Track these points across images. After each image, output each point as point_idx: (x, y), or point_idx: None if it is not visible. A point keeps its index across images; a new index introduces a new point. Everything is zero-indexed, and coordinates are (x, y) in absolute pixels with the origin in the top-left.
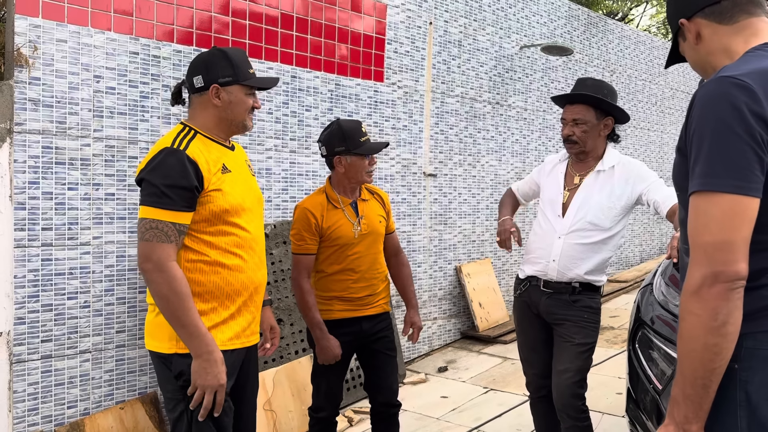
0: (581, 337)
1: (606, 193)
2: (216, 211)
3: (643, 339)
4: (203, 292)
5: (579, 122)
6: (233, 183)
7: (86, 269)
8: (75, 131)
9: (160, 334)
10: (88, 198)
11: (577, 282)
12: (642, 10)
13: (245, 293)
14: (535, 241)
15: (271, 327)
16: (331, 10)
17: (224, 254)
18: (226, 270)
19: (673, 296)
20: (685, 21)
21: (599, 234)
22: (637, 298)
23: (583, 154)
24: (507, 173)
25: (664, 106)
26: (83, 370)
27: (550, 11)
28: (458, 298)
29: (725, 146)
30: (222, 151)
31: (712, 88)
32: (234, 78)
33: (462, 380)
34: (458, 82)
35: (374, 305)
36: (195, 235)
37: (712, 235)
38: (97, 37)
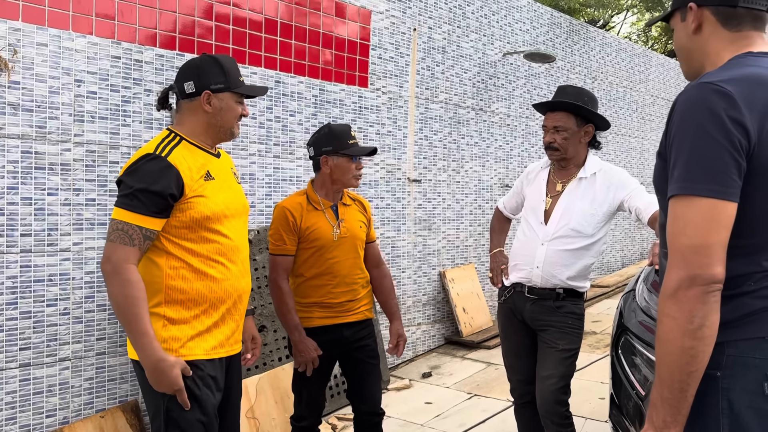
0: (565, 343)
1: (588, 199)
2: (197, 218)
3: (626, 345)
4: (186, 299)
5: (560, 129)
6: (216, 190)
7: (66, 276)
8: (55, 136)
9: None
10: (69, 203)
11: (561, 288)
12: (623, 18)
13: (228, 301)
14: (518, 248)
15: (253, 337)
16: (316, 15)
17: (206, 262)
18: (209, 278)
19: (655, 302)
20: (695, 6)
21: (582, 240)
22: (619, 304)
23: (565, 161)
24: (490, 179)
25: (645, 112)
26: (62, 378)
27: (532, 18)
28: (442, 304)
29: (703, 151)
30: (207, 158)
31: (692, 93)
32: (226, 85)
33: (446, 386)
34: (442, 88)
35: (356, 311)
36: (177, 242)
37: (689, 238)
38: (79, 41)
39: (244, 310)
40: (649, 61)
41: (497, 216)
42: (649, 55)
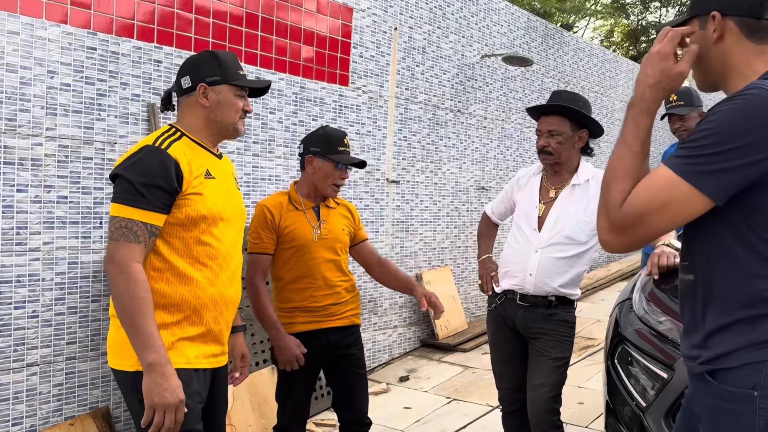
0: (557, 351)
1: (582, 206)
2: (193, 216)
3: (623, 354)
4: (168, 304)
5: (554, 133)
6: (215, 191)
7: (35, 277)
8: (26, 129)
9: (125, 351)
10: (39, 201)
11: (553, 296)
12: (586, 23)
13: (214, 309)
14: (510, 255)
15: (243, 355)
16: (297, 11)
17: (194, 264)
18: (194, 283)
19: (654, 313)
20: (718, 15)
21: (575, 248)
22: (614, 313)
23: (558, 166)
24: (467, 181)
25: (614, 117)
26: (30, 384)
27: (510, 21)
28: (418, 306)
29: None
30: (208, 157)
31: (757, 95)
32: (222, 77)
33: (424, 390)
34: (422, 89)
35: (341, 316)
36: (167, 239)
37: (643, 201)
38: (52, 30)
39: (231, 320)
40: (618, 67)
41: (485, 222)
42: (618, 61)
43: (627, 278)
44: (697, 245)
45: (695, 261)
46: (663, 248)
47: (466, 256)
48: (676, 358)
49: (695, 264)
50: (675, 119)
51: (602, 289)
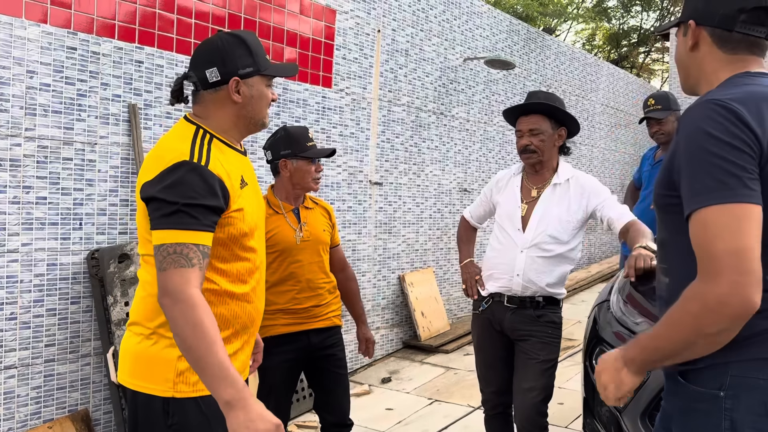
0: (546, 354)
1: (564, 206)
2: (235, 234)
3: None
4: None
5: (535, 132)
6: (251, 198)
7: (13, 278)
8: (4, 130)
9: (154, 371)
10: (18, 201)
11: (540, 296)
12: (568, 27)
13: (251, 326)
14: (495, 257)
15: (256, 342)
16: (280, 12)
17: (235, 282)
18: (234, 300)
19: (631, 314)
20: (693, 24)
21: (559, 247)
22: (593, 314)
23: (539, 165)
24: (450, 183)
25: (595, 121)
26: (8, 387)
27: (492, 25)
28: (401, 308)
29: (718, 161)
30: (238, 158)
31: (699, 111)
32: (255, 68)
33: (406, 391)
34: (405, 91)
35: (323, 317)
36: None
37: (725, 242)
38: (32, 30)
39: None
40: (599, 71)
41: (464, 226)
42: (599, 65)
43: (607, 279)
44: (673, 248)
45: (671, 264)
46: (640, 251)
47: (448, 258)
48: None
49: (671, 267)
50: (653, 123)
51: (583, 290)
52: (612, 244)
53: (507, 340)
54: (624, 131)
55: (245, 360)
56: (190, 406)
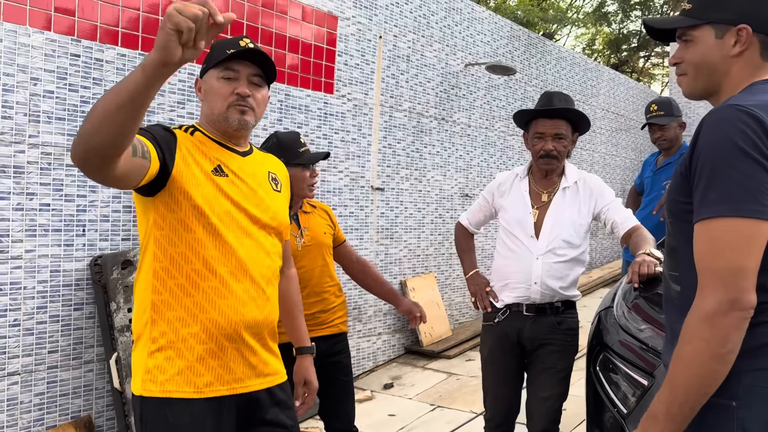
0: (563, 362)
1: (576, 209)
2: (194, 209)
3: (605, 362)
4: (174, 319)
5: (560, 137)
6: (230, 187)
7: (17, 285)
8: (8, 137)
9: (134, 370)
10: (21, 208)
11: (559, 300)
12: (568, 32)
13: (227, 328)
14: (507, 266)
15: (305, 381)
16: (282, 19)
17: (201, 273)
18: (200, 294)
19: (636, 321)
20: (749, 30)
21: (573, 251)
22: (596, 320)
23: (554, 171)
24: (451, 188)
25: (595, 126)
26: (11, 393)
27: (493, 30)
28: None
29: (741, 171)
30: (222, 152)
31: (723, 115)
32: (207, 64)
33: (408, 397)
34: (406, 97)
35: (330, 324)
36: (165, 245)
37: (727, 260)
38: (36, 37)
39: (257, 343)
40: (600, 76)
41: (462, 234)
42: (600, 70)
43: (608, 285)
44: (685, 257)
45: (683, 272)
46: (644, 257)
47: (450, 263)
48: (656, 365)
49: (683, 275)
50: (655, 129)
51: (585, 295)
52: (613, 249)
53: (521, 351)
54: (625, 136)
55: (234, 367)
56: (157, 407)
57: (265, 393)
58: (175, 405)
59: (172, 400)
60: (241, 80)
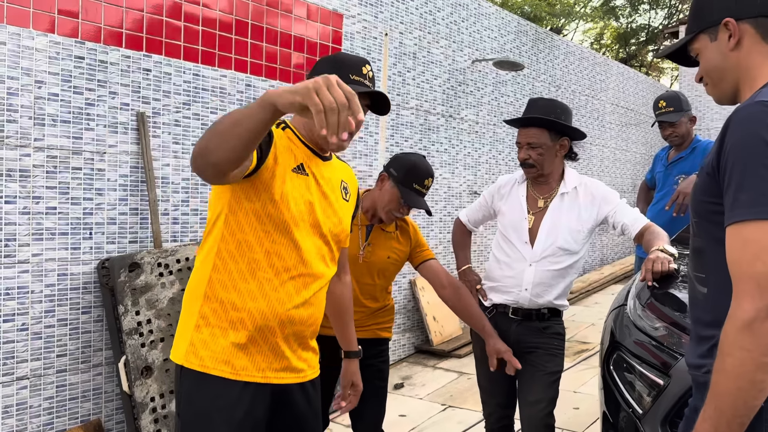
0: (552, 365)
1: (574, 215)
2: (258, 207)
3: (619, 362)
4: (226, 300)
5: (534, 145)
6: (306, 189)
7: (24, 289)
8: (13, 140)
9: (177, 338)
10: (28, 212)
11: (546, 308)
12: (576, 26)
13: (263, 325)
14: (500, 269)
15: (353, 383)
16: (287, 18)
17: (258, 264)
18: (251, 283)
19: (650, 319)
20: (733, 21)
21: (569, 258)
22: (609, 319)
23: (542, 177)
24: (459, 186)
25: (605, 120)
26: (20, 398)
27: (500, 26)
28: (412, 312)
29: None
30: (308, 154)
31: (752, 112)
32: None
33: (419, 397)
34: (413, 95)
35: (364, 328)
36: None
37: (764, 265)
38: (40, 40)
39: (297, 340)
40: (609, 70)
41: (460, 230)
42: (609, 64)
43: (620, 281)
44: (713, 258)
45: (710, 274)
46: (657, 254)
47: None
48: (672, 364)
49: (710, 277)
50: (666, 126)
51: (596, 292)
52: (625, 245)
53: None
54: (635, 130)
55: (273, 358)
56: (195, 379)
57: (297, 387)
58: (211, 381)
59: (209, 377)
60: None
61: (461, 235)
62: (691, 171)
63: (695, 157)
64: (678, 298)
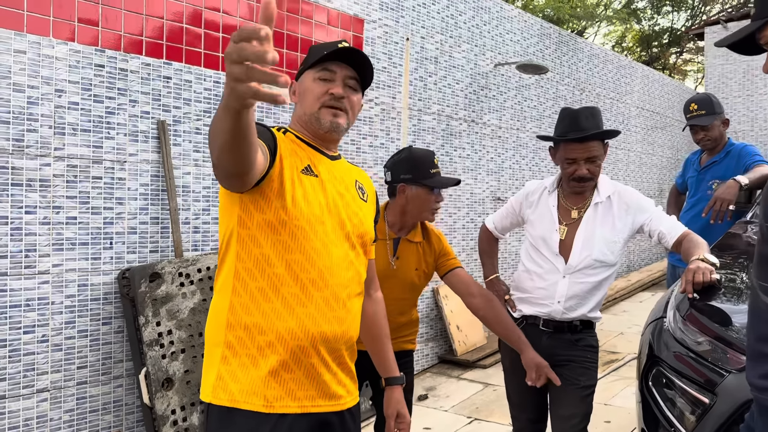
0: (586, 379)
1: (609, 226)
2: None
3: (658, 377)
4: (251, 324)
5: (593, 159)
6: (318, 190)
7: (45, 300)
8: (34, 150)
9: (205, 376)
10: (48, 222)
11: (579, 320)
12: (596, 29)
13: (292, 343)
14: (532, 280)
15: (398, 413)
16: (308, 24)
17: (282, 279)
18: (276, 303)
19: (692, 333)
20: None
21: (605, 271)
22: (647, 332)
23: (586, 188)
24: (482, 192)
25: (630, 124)
26: (40, 410)
27: (523, 29)
28: (435, 321)
29: None
30: (313, 153)
31: None
32: (304, 65)
33: (444, 409)
34: (435, 99)
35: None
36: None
37: None
38: (60, 48)
39: (334, 360)
40: (633, 73)
41: (487, 237)
42: (634, 67)
43: (648, 288)
44: None
45: None
46: (698, 263)
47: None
48: (717, 382)
49: None
50: (697, 129)
51: (624, 299)
52: (652, 251)
53: None
54: (661, 134)
55: (309, 384)
56: (224, 416)
57: (335, 417)
58: (242, 416)
59: (239, 412)
60: (337, 81)
61: (488, 242)
62: (726, 175)
63: (729, 161)
64: (721, 310)
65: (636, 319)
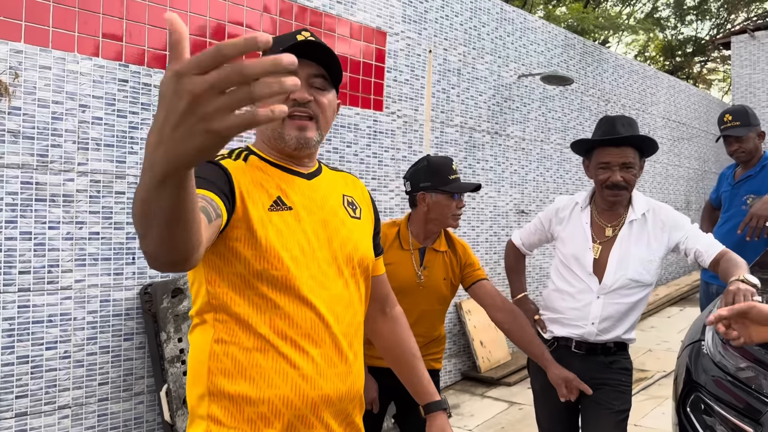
0: (620, 403)
1: (644, 244)
2: (253, 267)
3: (697, 403)
4: (236, 394)
5: (629, 166)
6: (292, 227)
7: (67, 316)
8: (57, 165)
9: None
10: (71, 237)
11: (612, 342)
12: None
13: (299, 407)
14: (563, 300)
15: None
16: (330, 36)
17: (270, 337)
18: (267, 362)
19: (733, 358)
20: None
21: (641, 291)
22: (683, 355)
23: (620, 202)
24: (506, 204)
25: (657, 135)
26: (62, 427)
27: (547, 40)
28: (458, 337)
29: None
30: (283, 177)
31: None
32: None
33: (469, 429)
34: (457, 112)
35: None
36: (228, 303)
37: None
38: (84, 64)
39: (341, 424)
40: (659, 83)
41: (514, 254)
42: (659, 77)
43: (676, 302)
44: None
45: None
46: (738, 285)
47: (506, 284)
48: (763, 411)
49: None
50: (731, 141)
51: (651, 315)
52: (679, 265)
53: None
54: (687, 145)
55: None
56: None
57: None
58: None
59: None
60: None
61: (515, 259)
62: (761, 190)
63: (765, 175)
64: None
65: (664, 335)
